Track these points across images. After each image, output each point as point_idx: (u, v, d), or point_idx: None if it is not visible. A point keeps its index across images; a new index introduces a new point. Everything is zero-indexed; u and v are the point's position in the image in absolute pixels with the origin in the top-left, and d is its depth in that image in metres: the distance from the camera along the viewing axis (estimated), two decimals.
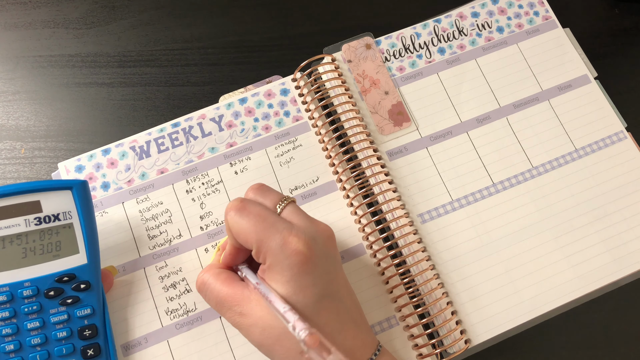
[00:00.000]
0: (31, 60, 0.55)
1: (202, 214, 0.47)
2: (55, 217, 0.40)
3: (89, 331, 0.39)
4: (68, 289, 0.39)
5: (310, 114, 0.50)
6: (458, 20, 0.53)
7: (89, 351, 0.39)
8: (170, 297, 0.44)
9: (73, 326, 0.39)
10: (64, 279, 0.39)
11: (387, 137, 0.50)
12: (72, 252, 0.40)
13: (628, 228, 0.48)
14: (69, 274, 0.39)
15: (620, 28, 0.58)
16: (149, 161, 0.48)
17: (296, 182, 0.48)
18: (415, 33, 0.53)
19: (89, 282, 0.40)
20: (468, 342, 0.44)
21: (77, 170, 0.47)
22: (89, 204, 0.41)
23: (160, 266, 0.45)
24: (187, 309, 0.44)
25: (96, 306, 0.40)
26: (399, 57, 0.52)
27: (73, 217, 0.40)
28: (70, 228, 0.40)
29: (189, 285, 0.45)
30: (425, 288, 0.45)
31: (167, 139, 0.49)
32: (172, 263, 0.45)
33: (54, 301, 0.39)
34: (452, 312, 0.44)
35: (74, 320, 0.39)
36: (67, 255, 0.40)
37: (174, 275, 0.45)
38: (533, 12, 0.54)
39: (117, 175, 0.47)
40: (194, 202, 0.47)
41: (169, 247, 0.46)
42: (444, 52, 0.52)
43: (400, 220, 0.46)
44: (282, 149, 0.49)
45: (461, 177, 0.49)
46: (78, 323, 0.39)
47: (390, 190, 0.47)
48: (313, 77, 0.51)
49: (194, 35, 0.57)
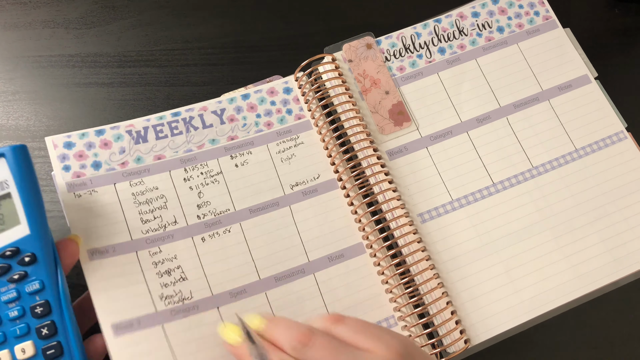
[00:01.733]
0: (31, 60, 0.55)
1: (200, 203, 0.46)
2: None
3: (40, 308, 0.36)
4: (14, 264, 0.36)
5: (311, 114, 0.50)
6: (458, 20, 0.53)
7: (43, 330, 0.36)
8: (165, 283, 0.43)
9: (25, 304, 0.36)
10: (7, 254, 0.36)
11: (387, 136, 0.50)
12: (13, 223, 0.37)
13: (628, 228, 0.48)
14: (13, 248, 0.36)
15: (620, 28, 0.58)
16: (145, 146, 0.47)
17: (297, 178, 0.48)
18: (416, 33, 0.53)
19: (34, 254, 0.36)
20: (468, 342, 0.44)
21: (66, 147, 0.46)
22: (29, 171, 0.38)
23: (154, 251, 0.44)
24: (182, 297, 0.43)
25: (46, 280, 0.36)
26: (399, 57, 0.52)
27: (10, 186, 0.37)
28: (9, 198, 0.37)
29: (184, 274, 0.44)
30: (425, 287, 0.45)
31: (167, 126, 0.48)
32: (167, 250, 0.44)
33: (1, 279, 0.36)
34: (452, 312, 0.44)
35: (24, 297, 0.36)
36: (9, 228, 0.37)
37: (169, 262, 0.44)
38: (533, 12, 0.54)
39: (110, 156, 0.46)
40: (192, 191, 0.46)
41: (163, 233, 0.45)
42: (444, 52, 0.52)
43: (400, 219, 0.46)
44: (284, 146, 0.49)
45: (461, 177, 0.49)
46: (29, 300, 0.36)
47: (390, 190, 0.47)
48: (313, 77, 0.51)
49: (194, 35, 0.57)
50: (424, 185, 0.48)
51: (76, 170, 0.45)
